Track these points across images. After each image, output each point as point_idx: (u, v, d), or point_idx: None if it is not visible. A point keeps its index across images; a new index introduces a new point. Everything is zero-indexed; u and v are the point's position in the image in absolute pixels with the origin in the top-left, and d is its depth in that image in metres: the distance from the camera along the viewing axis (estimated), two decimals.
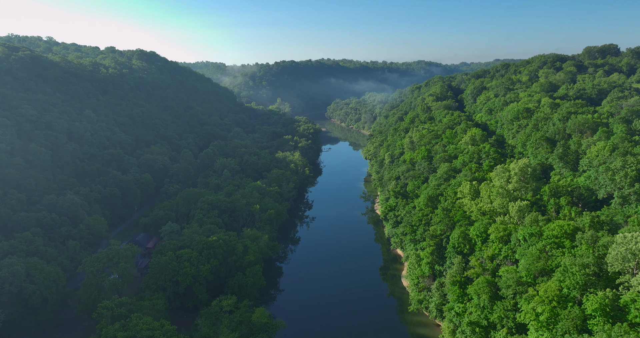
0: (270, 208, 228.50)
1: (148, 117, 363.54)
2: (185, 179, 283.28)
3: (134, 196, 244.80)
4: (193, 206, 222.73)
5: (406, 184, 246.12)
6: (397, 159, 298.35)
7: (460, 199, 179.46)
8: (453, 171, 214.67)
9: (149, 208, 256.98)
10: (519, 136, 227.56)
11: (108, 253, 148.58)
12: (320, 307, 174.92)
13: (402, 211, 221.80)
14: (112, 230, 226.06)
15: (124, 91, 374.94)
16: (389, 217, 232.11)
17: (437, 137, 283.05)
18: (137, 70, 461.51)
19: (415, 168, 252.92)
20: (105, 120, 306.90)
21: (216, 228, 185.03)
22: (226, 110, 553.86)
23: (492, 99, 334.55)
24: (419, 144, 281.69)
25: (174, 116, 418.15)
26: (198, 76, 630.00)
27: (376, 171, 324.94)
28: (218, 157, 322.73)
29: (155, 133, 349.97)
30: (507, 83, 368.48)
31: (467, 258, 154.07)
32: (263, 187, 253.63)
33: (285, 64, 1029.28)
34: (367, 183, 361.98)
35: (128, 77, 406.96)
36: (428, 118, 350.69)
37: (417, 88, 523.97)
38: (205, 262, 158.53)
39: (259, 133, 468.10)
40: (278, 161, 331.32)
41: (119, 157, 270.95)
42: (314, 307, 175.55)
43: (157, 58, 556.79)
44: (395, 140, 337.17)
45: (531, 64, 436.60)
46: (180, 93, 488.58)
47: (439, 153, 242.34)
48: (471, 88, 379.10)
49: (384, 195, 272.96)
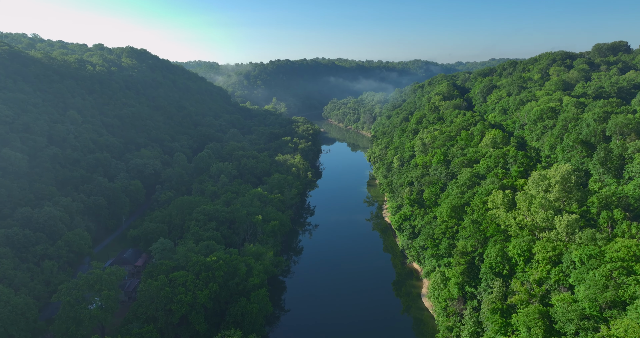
0: (274, 218, 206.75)
1: (138, 118, 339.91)
2: (178, 185, 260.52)
3: (122, 205, 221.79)
4: (188, 217, 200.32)
5: (422, 191, 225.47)
6: (407, 163, 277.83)
7: (491, 211, 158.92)
8: (476, 177, 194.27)
9: (139, 218, 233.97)
10: (546, 139, 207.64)
11: (89, 279, 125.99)
12: (330, 331, 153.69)
13: (419, 221, 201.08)
14: (97, 243, 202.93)
15: (112, 90, 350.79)
16: (403, 227, 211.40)
17: (451, 139, 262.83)
18: (127, 68, 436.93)
19: (430, 173, 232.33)
20: (91, 121, 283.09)
21: (214, 244, 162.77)
22: (221, 110, 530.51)
23: (505, 98, 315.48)
24: (432, 147, 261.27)
25: (166, 116, 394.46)
26: (191, 74, 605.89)
27: (383, 175, 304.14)
28: (214, 161, 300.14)
29: (146, 135, 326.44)
30: (518, 81, 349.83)
31: (507, 281, 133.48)
32: (264, 194, 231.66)
33: (280, 63, 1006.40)
34: (371, 187, 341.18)
35: (117, 76, 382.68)
36: (437, 118, 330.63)
37: (420, 87, 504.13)
38: (203, 287, 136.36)
39: (255, 134, 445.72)
40: (278, 165, 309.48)
41: (106, 162, 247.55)
42: (324, 331, 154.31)
43: (148, 56, 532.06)
44: (403, 142, 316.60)
45: (539, 62, 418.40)
46: (172, 92, 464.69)
47: (457, 157, 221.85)
48: (480, 87, 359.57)
49: (394, 202, 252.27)
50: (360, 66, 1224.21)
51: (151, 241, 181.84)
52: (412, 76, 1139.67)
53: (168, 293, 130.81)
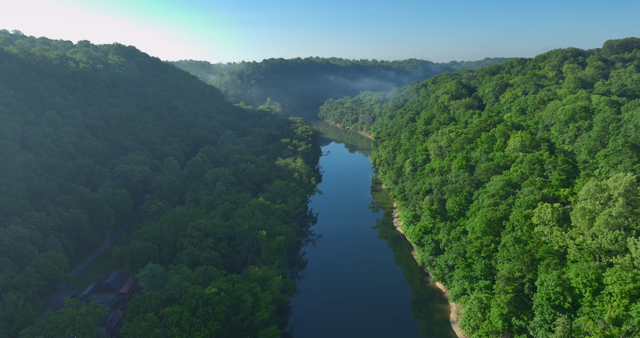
0: (279, 233, 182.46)
1: (125, 119, 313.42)
2: (170, 194, 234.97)
3: (106, 218, 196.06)
4: (181, 232, 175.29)
5: (442, 200, 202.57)
6: (420, 167, 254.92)
7: (537, 227, 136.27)
8: (509, 185, 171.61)
9: (126, 231, 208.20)
10: (583, 142, 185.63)
11: (58, 322, 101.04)
12: None
13: (443, 235, 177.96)
14: (77, 263, 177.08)
15: (97, 89, 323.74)
16: (424, 242, 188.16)
17: (470, 141, 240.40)
18: (114, 66, 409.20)
19: (451, 180, 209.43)
20: (72, 123, 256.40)
21: (213, 269, 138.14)
22: (214, 110, 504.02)
23: (522, 97, 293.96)
24: (450, 150, 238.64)
25: (156, 117, 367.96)
26: (183, 73, 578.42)
27: (393, 181, 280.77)
28: (208, 165, 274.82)
29: (134, 138, 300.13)
30: (532, 79, 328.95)
31: (570, 316, 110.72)
32: (267, 204, 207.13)
33: (274, 62, 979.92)
34: (376, 193, 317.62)
35: (102, 74, 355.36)
36: (448, 119, 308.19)
37: (423, 86, 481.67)
38: (202, 326, 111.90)
39: (251, 135, 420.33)
40: (279, 170, 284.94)
41: (88, 168, 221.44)
42: None
43: (137, 53, 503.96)
44: (413, 144, 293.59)
45: (549, 59, 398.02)
46: (163, 92, 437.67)
47: (482, 162, 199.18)
48: (492, 85, 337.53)
49: (408, 210, 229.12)
50: (356, 64, 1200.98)
51: (138, 263, 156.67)
52: (410, 75, 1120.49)
53: (159, 336, 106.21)
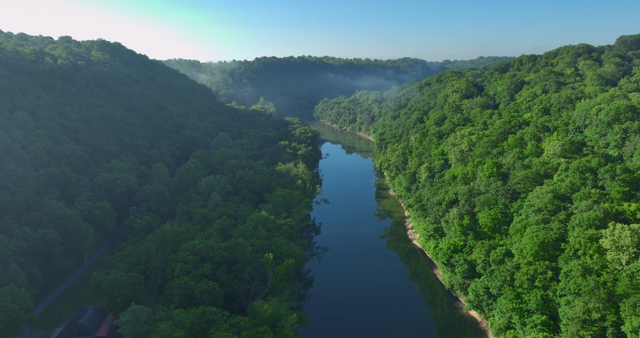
0: (286, 253, 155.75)
1: (109, 120, 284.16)
2: (158, 205, 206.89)
3: (83, 237, 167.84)
4: (171, 256, 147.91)
5: (472, 213, 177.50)
6: (438, 173, 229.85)
7: (611, 253, 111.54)
8: (557, 198, 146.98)
9: (107, 251, 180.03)
10: (636, 146, 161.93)
11: None
12: None
13: (479, 255, 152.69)
14: (46, 294, 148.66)
15: (77, 88, 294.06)
16: (455, 262, 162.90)
17: (494, 145, 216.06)
18: (97, 62, 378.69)
19: (479, 189, 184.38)
20: (47, 126, 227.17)
21: (212, 310, 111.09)
22: (206, 111, 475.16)
23: (542, 96, 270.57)
24: (472, 155, 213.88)
25: (143, 118, 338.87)
26: (172, 71, 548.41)
27: (405, 188, 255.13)
28: (202, 172, 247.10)
29: (119, 141, 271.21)
30: (550, 76, 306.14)
31: None
32: (270, 219, 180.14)
33: (267, 61, 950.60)
34: (382, 199, 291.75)
35: (84, 71, 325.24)
36: (463, 120, 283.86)
37: (427, 84, 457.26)
38: None
39: (246, 137, 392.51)
40: (280, 176, 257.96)
41: (64, 178, 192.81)
42: None
43: (123, 50, 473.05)
44: (426, 148, 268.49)
45: (561, 56, 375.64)
46: (150, 91, 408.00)
47: (517, 169, 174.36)
48: (506, 83, 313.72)
49: (428, 223, 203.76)
50: (350, 63, 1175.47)
51: (120, 297, 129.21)
52: (408, 74, 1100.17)
53: None
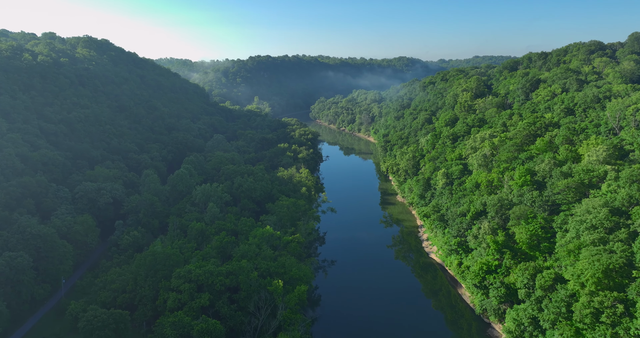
0: (297, 277, 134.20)
1: (94, 122, 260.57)
2: (148, 219, 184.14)
3: (60, 259, 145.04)
4: (163, 283, 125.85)
5: (503, 227, 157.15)
6: (457, 180, 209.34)
7: None
8: (612, 213, 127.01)
9: (89, 272, 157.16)
10: None
11: None
12: None
13: (520, 277, 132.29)
14: (13, 329, 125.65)
15: (59, 86, 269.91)
16: (490, 285, 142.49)
17: (520, 148, 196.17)
18: (82, 60, 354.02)
19: (509, 199, 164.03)
20: (23, 129, 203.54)
21: None
22: (199, 111, 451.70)
23: (562, 95, 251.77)
24: (498, 160, 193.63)
25: (132, 119, 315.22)
26: (163, 70, 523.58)
27: (418, 195, 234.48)
28: (196, 179, 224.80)
29: (105, 145, 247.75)
30: (570, 74, 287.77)
31: None
32: (276, 235, 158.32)
33: (261, 59, 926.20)
34: (389, 205, 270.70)
35: (67, 69, 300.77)
36: (478, 121, 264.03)
37: (431, 83, 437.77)
38: None
39: (243, 139, 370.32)
40: (282, 183, 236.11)
41: (40, 189, 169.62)
42: None
43: (111, 47, 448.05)
44: (440, 151, 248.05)
45: (572, 53, 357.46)
46: (140, 90, 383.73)
47: (556, 178, 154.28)
48: (520, 82, 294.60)
49: (450, 236, 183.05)
50: (346, 62, 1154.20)
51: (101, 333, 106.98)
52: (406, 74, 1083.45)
53: None
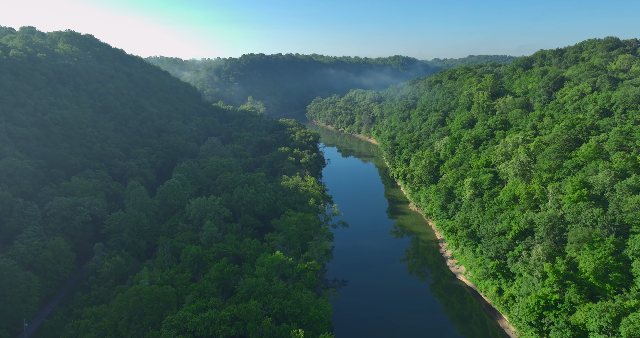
0: (317, 318, 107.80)
1: (74, 124, 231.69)
2: (134, 240, 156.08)
3: (23, 295, 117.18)
4: (149, 333, 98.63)
5: (560, 251, 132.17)
6: (488, 191, 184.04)
7: None
8: None
9: (59, 308, 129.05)
10: None
11: None
12: None
13: (596, 321, 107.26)
14: None
15: (33, 85, 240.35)
16: (550, 324, 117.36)
17: (563, 156, 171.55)
18: (63, 56, 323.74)
19: (560, 217, 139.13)
20: None
21: None
22: (191, 111, 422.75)
23: (594, 95, 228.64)
24: (539, 169, 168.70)
25: (117, 121, 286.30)
26: (152, 67, 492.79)
27: (439, 206, 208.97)
28: (190, 190, 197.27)
29: (86, 151, 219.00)
30: (596, 72, 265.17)
31: None
32: (288, 262, 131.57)
33: (254, 58, 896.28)
34: (399, 215, 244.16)
35: (44, 65, 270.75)
36: (501, 123, 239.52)
37: (437, 82, 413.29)
38: None
39: (238, 142, 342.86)
40: (287, 193, 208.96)
41: (1, 206, 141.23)
42: None
43: (96, 43, 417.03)
44: (462, 157, 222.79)
45: (590, 50, 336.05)
46: (127, 89, 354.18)
47: (622, 192, 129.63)
48: (543, 80, 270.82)
49: (486, 257, 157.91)
50: (341, 61, 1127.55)
51: None
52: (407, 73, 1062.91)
53: None
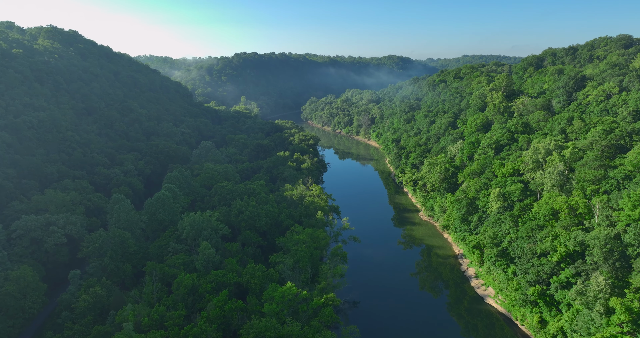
0: None
1: (51, 128, 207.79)
2: (116, 265, 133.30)
3: None
4: None
5: (621, 279, 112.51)
6: (519, 203, 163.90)
7: None
8: None
9: None
10: None
11: None
12: None
13: None
14: None
15: (6, 84, 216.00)
16: None
17: (604, 164, 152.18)
18: (42, 52, 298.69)
19: (615, 237, 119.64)
20: None
21: None
22: (182, 112, 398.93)
23: (623, 95, 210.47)
24: (581, 180, 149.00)
25: (102, 123, 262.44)
26: (140, 66, 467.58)
27: (460, 218, 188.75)
28: (182, 202, 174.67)
29: (65, 157, 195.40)
30: (621, 70, 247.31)
31: None
32: (302, 295, 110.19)
33: (247, 57, 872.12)
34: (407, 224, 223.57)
35: (19, 62, 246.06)
36: (522, 126, 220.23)
37: (442, 82, 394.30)
38: None
39: (233, 145, 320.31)
40: (291, 205, 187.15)
41: None
42: None
43: (80, 39, 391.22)
44: (484, 164, 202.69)
45: (603, 48, 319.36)
46: (113, 89, 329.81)
47: None
48: (563, 79, 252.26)
49: (522, 280, 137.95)
50: (334, 60, 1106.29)
51: None
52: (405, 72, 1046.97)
53: None
